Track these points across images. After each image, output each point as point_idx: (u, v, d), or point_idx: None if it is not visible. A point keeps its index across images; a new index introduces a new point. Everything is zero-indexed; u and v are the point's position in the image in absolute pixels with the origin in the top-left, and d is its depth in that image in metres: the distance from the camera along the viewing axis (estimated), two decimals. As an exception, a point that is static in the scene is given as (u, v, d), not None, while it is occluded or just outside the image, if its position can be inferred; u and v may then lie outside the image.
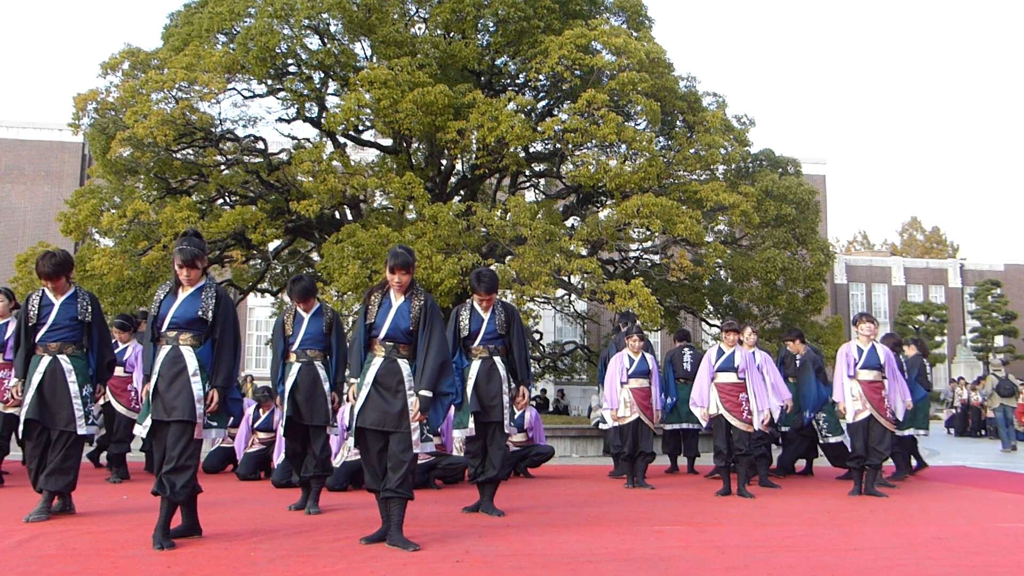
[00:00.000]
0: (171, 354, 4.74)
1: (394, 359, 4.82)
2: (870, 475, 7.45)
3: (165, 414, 4.65)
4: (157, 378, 4.71)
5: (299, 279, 6.33)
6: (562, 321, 24.39)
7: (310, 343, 6.13)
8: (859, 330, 7.62)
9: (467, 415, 6.01)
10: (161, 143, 12.16)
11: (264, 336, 30.38)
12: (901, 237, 56.71)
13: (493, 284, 6.01)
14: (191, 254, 4.80)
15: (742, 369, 7.50)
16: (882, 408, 7.37)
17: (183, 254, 4.80)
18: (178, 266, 4.82)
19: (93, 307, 5.68)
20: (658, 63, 13.94)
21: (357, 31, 13.19)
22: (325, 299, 11.87)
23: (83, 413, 5.52)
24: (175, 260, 4.86)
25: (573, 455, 12.11)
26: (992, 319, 36.36)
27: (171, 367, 4.72)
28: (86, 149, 27.45)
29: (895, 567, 4.40)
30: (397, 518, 4.68)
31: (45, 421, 5.48)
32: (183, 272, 4.79)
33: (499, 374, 6.00)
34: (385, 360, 4.81)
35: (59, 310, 5.54)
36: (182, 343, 4.76)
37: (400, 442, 4.70)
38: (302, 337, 6.11)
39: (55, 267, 5.51)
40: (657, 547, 4.85)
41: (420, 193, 12.36)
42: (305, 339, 6.11)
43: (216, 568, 4.11)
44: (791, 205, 14.65)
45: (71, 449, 5.51)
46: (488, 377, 5.98)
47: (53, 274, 5.51)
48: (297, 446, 6.11)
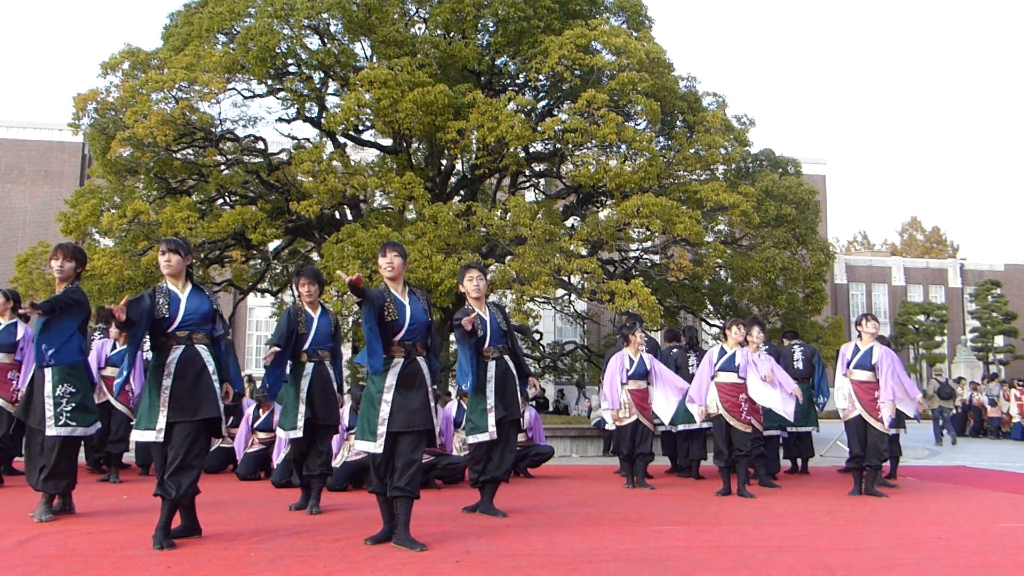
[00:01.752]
0: (187, 354, 4.75)
1: (414, 358, 4.86)
2: (870, 475, 7.45)
3: (190, 414, 4.65)
4: (174, 380, 4.68)
5: (310, 265, 6.41)
6: (562, 321, 24.39)
7: (321, 343, 6.19)
8: (863, 329, 7.58)
9: (485, 420, 5.94)
10: (161, 143, 12.16)
11: (264, 336, 30.36)
12: (901, 237, 56.72)
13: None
14: (175, 243, 4.92)
15: (743, 369, 7.49)
16: (873, 409, 7.32)
17: (167, 243, 4.92)
18: (161, 252, 4.88)
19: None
20: (658, 63, 13.94)
21: (357, 31, 13.18)
22: (325, 299, 11.88)
23: (53, 414, 5.40)
24: (159, 249, 4.94)
25: (573, 455, 12.12)
26: (992, 319, 36.33)
27: (191, 367, 4.73)
28: (86, 149, 27.44)
29: (895, 567, 4.40)
30: (404, 517, 4.69)
31: (24, 418, 5.53)
32: (164, 257, 4.83)
33: (512, 373, 6.09)
34: (405, 361, 4.84)
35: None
36: (197, 342, 4.80)
37: (412, 441, 4.73)
38: (313, 337, 6.15)
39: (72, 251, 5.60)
40: (657, 547, 4.85)
41: (420, 193, 12.36)
42: (317, 339, 6.17)
43: (216, 568, 4.11)
44: (791, 205, 14.65)
45: (62, 450, 5.43)
46: (504, 377, 6.04)
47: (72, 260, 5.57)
48: (305, 447, 6.13)
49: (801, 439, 9.53)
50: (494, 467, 6.02)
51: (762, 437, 8.00)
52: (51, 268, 5.63)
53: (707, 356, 7.78)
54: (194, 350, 4.77)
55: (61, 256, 5.52)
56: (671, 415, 8.22)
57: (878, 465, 7.45)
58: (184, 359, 4.73)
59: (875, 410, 7.32)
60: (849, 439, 7.58)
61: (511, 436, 6.13)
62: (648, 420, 8.04)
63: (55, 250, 5.58)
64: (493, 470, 6.02)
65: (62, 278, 5.55)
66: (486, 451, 6.05)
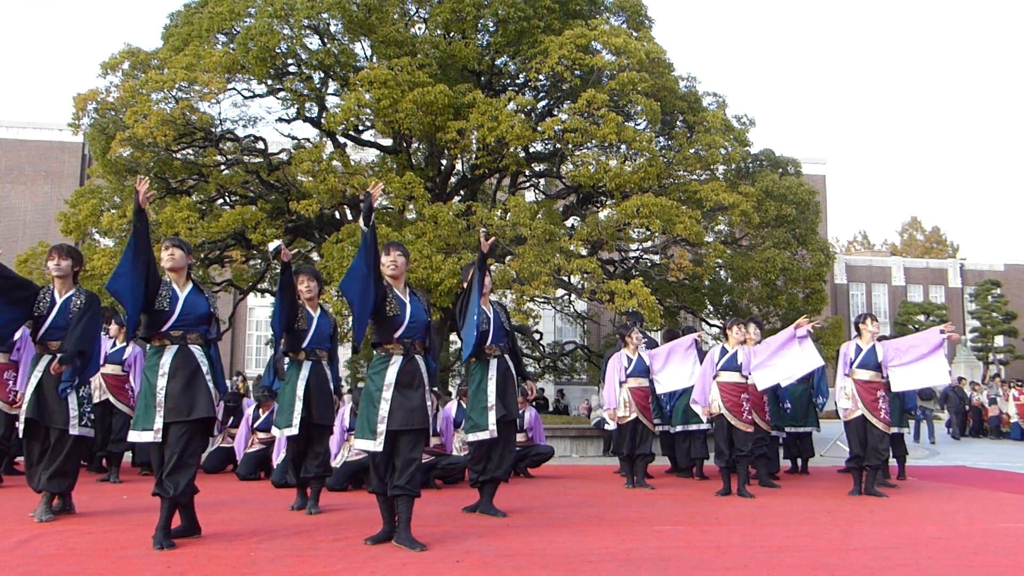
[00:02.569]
0: (181, 354, 4.76)
1: (412, 356, 4.87)
2: (870, 475, 7.44)
3: (184, 414, 4.66)
4: (168, 380, 4.69)
5: (309, 265, 6.43)
6: (562, 321, 24.37)
7: (320, 343, 6.19)
8: (865, 328, 7.53)
9: (486, 418, 5.92)
10: (161, 143, 12.16)
11: (264, 336, 30.34)
12: (901, 237, 56.71)
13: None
14: (178, 240, 4.98)
15: (746, 367, 7.47)
16: (875, 409, 7.30)
17: (170, 239, 4.96)
18: (165, 247, 4.90)
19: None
20: (658, 63, 13.93)
21: (357, 31, 13.18)
22: (325, 299, 11.88)
23: (78, 414, 5.50)
24: (163, 245, 4.94)
25: (573, 455, 12.12)
26: (992, 319, 36.33)
27: (185, 367, 4.74)
28: (86, 149, 27.43)
29: (895, 567, 4.40)
30: (405, 516, 4.69)
31: (44, 420, 5.49)
32: (168, 252, 4.86)
33: (512, 373, 6.12)
34: (404, 359, 4.84)
35: (60, 308, 5.54)
36: (191, 343, 4.82)
37: (411, 440, 4.73)
38: (312, 336, 6.13)
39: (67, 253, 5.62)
40: (657, 547, 4.85)
41: (420, 193, 12.36)
42: (315, 338, 6.15)
43: (216, 568, 4.11)
44: (791, 205, 14.64)
45: (73, 450, 5.50)
46: (505, 376, 6.05)
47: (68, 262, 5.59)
48: (303, 446, 6.13)
49: (801, 439, 9.52)
50: (494, 467, 6.02)
51: (767, 436, 7.99)
52: (48, 269, 5.64)
53: (709, 356, 7.77)
54: (188, 350, 4.79)
55: (57, 256, 5.55)
56: (690, 376, 8.12)
57: (878, 465, 7.44)
58: (178, 359, 4.74)
59: (877, 410, 7.30)
60: (849, 439, 7.56)
61: (510, 435, 6.14)
62: (648, 420, 8.06)
63: (50, 251, 5.62)
64: (493, 470, 6.02)
65: (61, 276, 5.56)
66: (486, 451, 6.05)
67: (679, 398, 9.06)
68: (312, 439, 6.11)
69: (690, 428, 8.84)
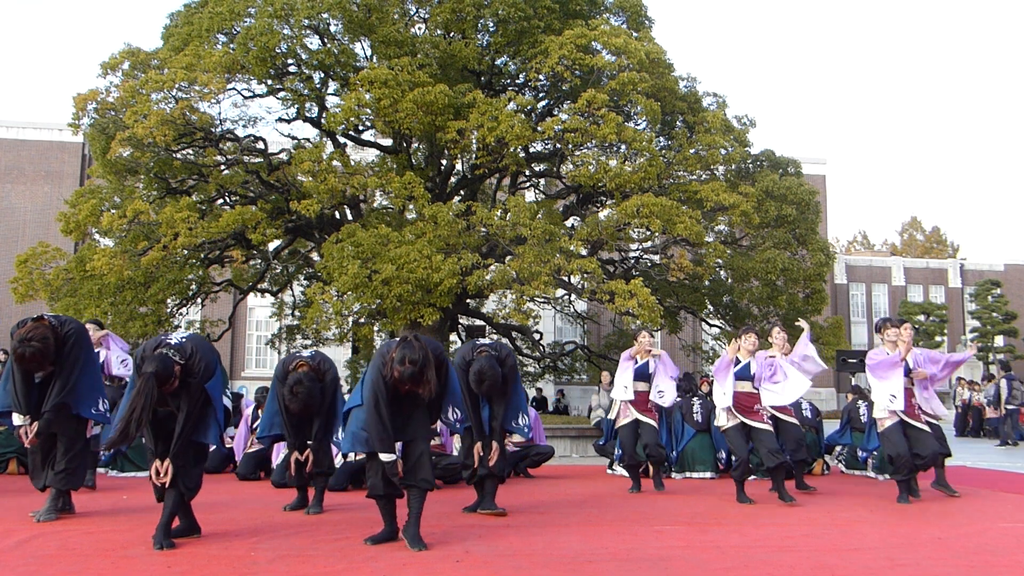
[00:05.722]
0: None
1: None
2: (938, 473, 7.44)
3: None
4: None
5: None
6: (562, 321, 24.37)
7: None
8: (885, 336, 7.27)
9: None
10: (161, 143, 12.15)
11: (264, 336, 30.33)
12: (901, 237, 56.72)
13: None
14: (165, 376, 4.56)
15: (759, 378, 7.14)
16: (913, 414, 7.10)
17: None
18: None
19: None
20: (658, 63, 13.92)
21: (357, 31, 13.17)
22: (325, 299, 11.88)
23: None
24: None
25: (573, 455, 12.12)
26: (992, 319, 36.32)
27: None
28: (86, 149, 27.44)
29: (895, 567, 4.40)
30: (416, 509, 4.73)
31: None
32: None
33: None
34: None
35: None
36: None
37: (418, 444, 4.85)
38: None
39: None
40: (657, 547, 4.85)
41: (420, 193, 12.35)
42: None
43: (216, 568, 4.11)
44: (791, 205, 14.63)
45: (83, 448, 5.62)
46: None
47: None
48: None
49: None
50: (483, 462, 6.02)
51: (801, 435, 7.71)
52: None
53: (722, 360, 7.29)
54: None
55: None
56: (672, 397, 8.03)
57: (922, 467, 7.24)
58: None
59: (916, 415, 7.11)
60: (887, 449, 7.15)
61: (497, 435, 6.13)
62: (651, 419, 7.83)
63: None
64: (483, 464, 6.01)
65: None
66: (468, 446, 6.14)
67: (686, 444, 9.01)
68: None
69: (692, 476, 8.88)
